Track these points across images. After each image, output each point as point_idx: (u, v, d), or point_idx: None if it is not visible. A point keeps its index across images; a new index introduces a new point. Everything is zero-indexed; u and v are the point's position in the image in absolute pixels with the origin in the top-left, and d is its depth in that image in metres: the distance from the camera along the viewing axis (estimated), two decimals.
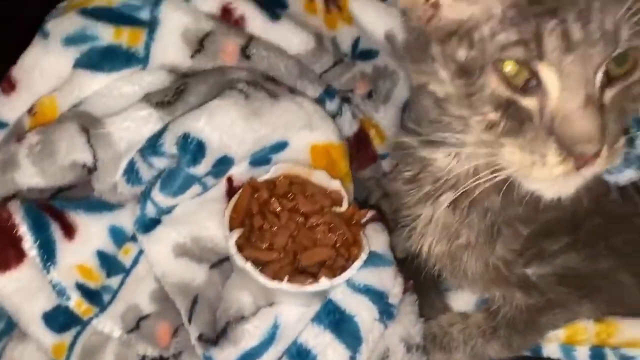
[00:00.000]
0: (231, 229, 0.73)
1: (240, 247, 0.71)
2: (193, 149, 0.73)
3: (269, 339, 0.70)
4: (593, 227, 0.73)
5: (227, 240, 0.71)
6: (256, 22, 0.85)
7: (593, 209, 0.72)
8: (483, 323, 0.81)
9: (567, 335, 0.80)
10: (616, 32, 0.55)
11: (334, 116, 0.90)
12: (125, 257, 0.80)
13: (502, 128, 0.59)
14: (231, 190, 0.80)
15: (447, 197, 0.74)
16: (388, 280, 0.75)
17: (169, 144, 0.73)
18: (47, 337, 0.74)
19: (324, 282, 0.70)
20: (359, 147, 0.96)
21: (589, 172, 0.59)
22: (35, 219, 0.75)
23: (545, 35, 0.55)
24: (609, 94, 0.57)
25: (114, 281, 0.79)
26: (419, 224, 0.77)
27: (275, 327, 0.70)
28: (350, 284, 0.72)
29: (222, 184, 0.80)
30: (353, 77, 0.95)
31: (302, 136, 0.82)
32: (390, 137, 0.94)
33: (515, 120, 0.58)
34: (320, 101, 0.88)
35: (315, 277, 0.70)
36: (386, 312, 0.73)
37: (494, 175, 0.62)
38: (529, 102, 0.58)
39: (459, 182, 0.71)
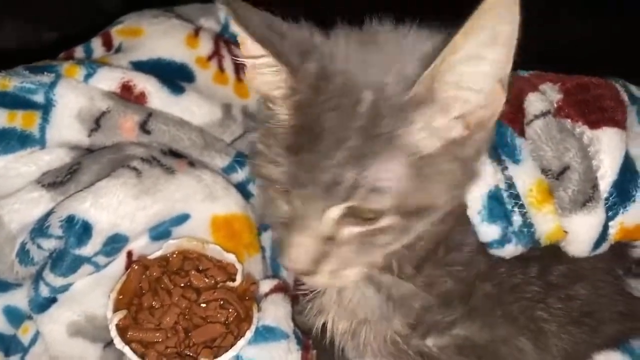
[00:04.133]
0: (117, 309, 0.73)
1: (125, 329, 0.72)
2: (78, 230, 0.73)
3: None
4: (485, 294, 0.73)
5: (109, 323, 0.71)
6: (157, 97, 0.87)
7: (483, 277, 0.72)
8: None
9: None
10: (348, 189, 0.59)
11: (246, 183, 0.91)
12: (24, 335, 0.80)
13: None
14: (130, 266, 0.80)
15: None
16: (280, 355, 0.74)
17: (55, 226, 0.74)
18: None
19: None
20: None
21: (310, 281, 0.68)
22: None
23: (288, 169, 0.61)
24: (347, 231, 0.62)
25: None
26: (319, 299, 0.77)
27: None
28: None
29: (122, 259, 0.80)
30: None
31: (204, 208, 0.83)
32: None
33: None
34: (229, 169, 0.89)
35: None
36: None
37: None
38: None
39: None
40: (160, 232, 0.82)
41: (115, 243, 0.77)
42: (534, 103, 0.68)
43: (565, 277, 0.74)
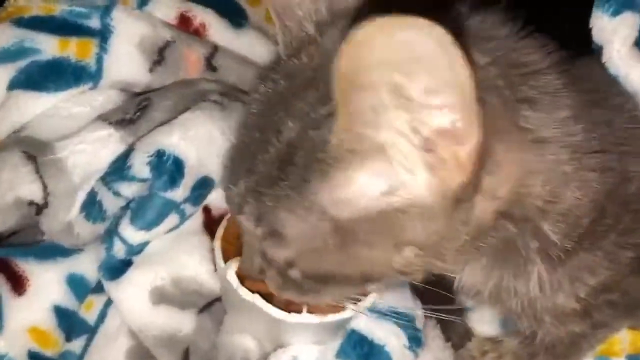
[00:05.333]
0: (226, 260, 0.61)
1: (240, 279, 0.59)
2: (170, 168, 0.61)
3: None
4: None
5: (225, 273, 0.58)
6: (219, 30, 0.76)
7: None
8: (519, 349, 0.71)
9: (603, 348, 0.72)
10: (252, 220, 0.49)
11: None
12: (88, 313, 0.65)
13: None
14: (209, 221, 0.68)
15: None
16: (410, 302, 0.65)
17: (139, 166, 0.61)
18: None
19: (349, 309, 0.58)
20: None
21: None
22: None
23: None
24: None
25: (77, 345, 0.64)
26: None
27: None
28: (373, 309, 0.61)
29: (199, 215, 0.68)
30: None
31: None
32: None
33: None
34: None
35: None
36: (414, 339, 0.63)
37: None
38: None
39: None
40: None
41: (202, 188, 0.65)
42: None
43: None
